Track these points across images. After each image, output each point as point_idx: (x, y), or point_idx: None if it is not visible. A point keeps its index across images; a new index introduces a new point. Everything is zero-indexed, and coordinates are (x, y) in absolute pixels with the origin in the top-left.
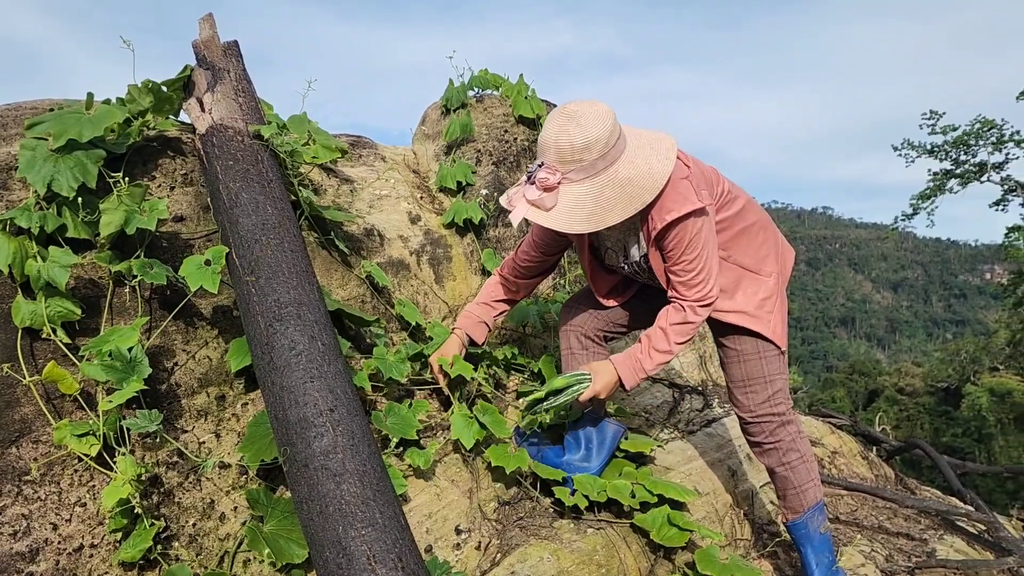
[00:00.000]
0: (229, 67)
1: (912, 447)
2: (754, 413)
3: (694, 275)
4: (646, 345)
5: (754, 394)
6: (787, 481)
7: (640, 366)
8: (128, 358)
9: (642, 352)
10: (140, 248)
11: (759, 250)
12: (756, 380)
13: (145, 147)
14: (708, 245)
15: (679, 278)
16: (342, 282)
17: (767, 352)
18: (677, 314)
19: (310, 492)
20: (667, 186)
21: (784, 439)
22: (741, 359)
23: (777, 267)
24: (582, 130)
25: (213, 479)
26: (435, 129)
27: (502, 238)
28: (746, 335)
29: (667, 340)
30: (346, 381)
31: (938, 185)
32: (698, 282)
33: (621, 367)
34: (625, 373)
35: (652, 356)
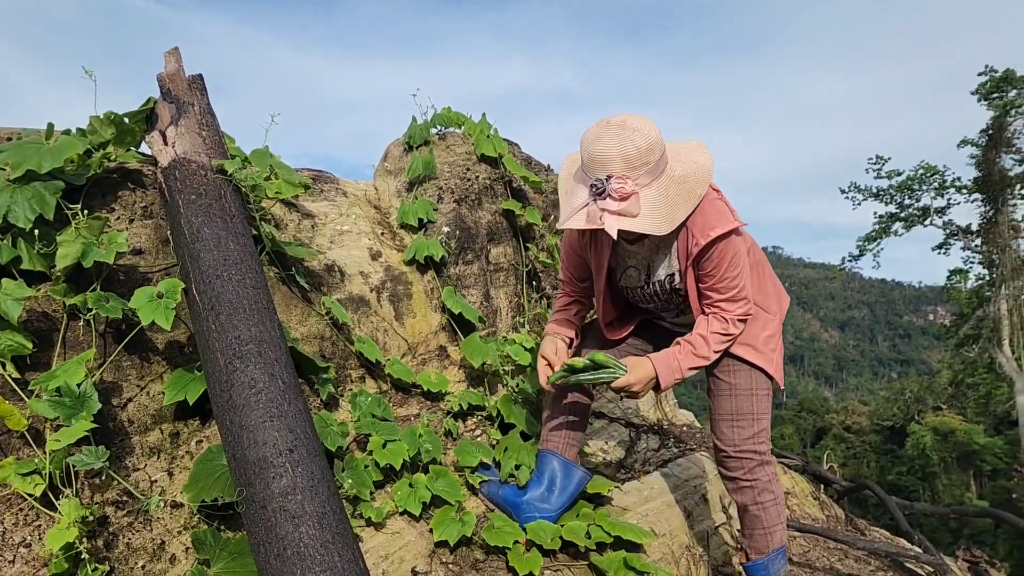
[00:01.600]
0: (194, 101)
1: (862, 488)
2: (737, 448)
3: (737, 291)
4: (686, 349)
5: (740, 429)
6: (758, 521)
7: (678, 366)
8: (77, 394)
9: (681, 354)
10: (96, 281)
11: (764, 287)
12: (745, 415)
13: (105, 179)
14: (746, 265)
15: (721, 295)
16: (302, 318)
17: (759, 389)
18: (719, 324)
19: (267, 534)
20: (705, 204)
21: (761, 479)
22: (733, 393)
23: (778, 308)
24: (641, 134)
25: (164, 519)
26: (397, 165)
27: (463, 276)
28: (742, 370)
29: (707, 346)
30: (306, 421)
31: (883, 228)
32: (741, 298)
33: (659, 364)
34: (662, 371)
35: (691, 359)
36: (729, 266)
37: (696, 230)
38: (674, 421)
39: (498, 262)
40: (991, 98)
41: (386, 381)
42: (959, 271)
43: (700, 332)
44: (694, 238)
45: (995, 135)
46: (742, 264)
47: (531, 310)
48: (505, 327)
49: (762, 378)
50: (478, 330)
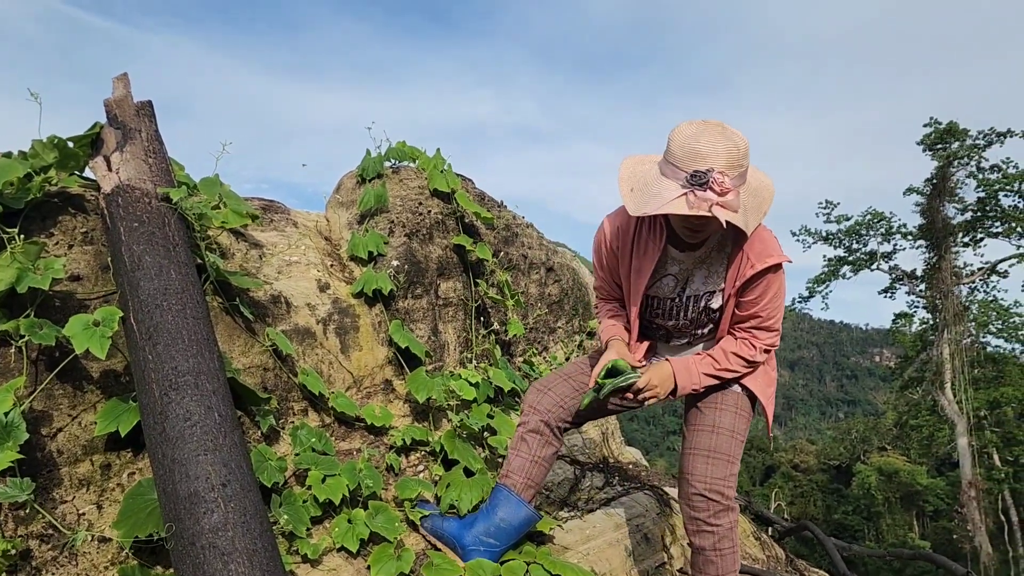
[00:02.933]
0: (141, 127)
1: (802, 528)
2: (708, 486)
3: (773, 321)
4: (707, 360)
5: (714, 467)
6: (712, 566)
7: (697, 373)
8: (4, 423)
9: (702, 364)
10: (31, 307)
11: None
12: (721, 455)
13: (45, 203)
14: (784, 295)
15: (756, 322)
16: (244, 349)
17: (739, 433)
18: (746, 348)
19: (195, 572)
20: (762, 230)
21: (724, 524)
22: (715, 431)
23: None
24: (740, 137)
25: (91, 554)
26: (349, 198)
27: (411, 310)
28: (728, 410)
29: (728, 364)
30: (241, 455)
31: (832, 270)
32: (775, 328)
33: (679, 369)
34: (682, 375)
35: (710, 370)
36: (774, 296)
37: (753, 254)
38: (620, 458)
39: (447, 297)
40: (935, 148)
41: (329, 414)
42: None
43: (725, 348)
44: (749, 261)
45: (939, 184)
46: (783, 294)
47: (479, 346)
48: (452, 362)
49: (743, 422)
50: (425, 365)
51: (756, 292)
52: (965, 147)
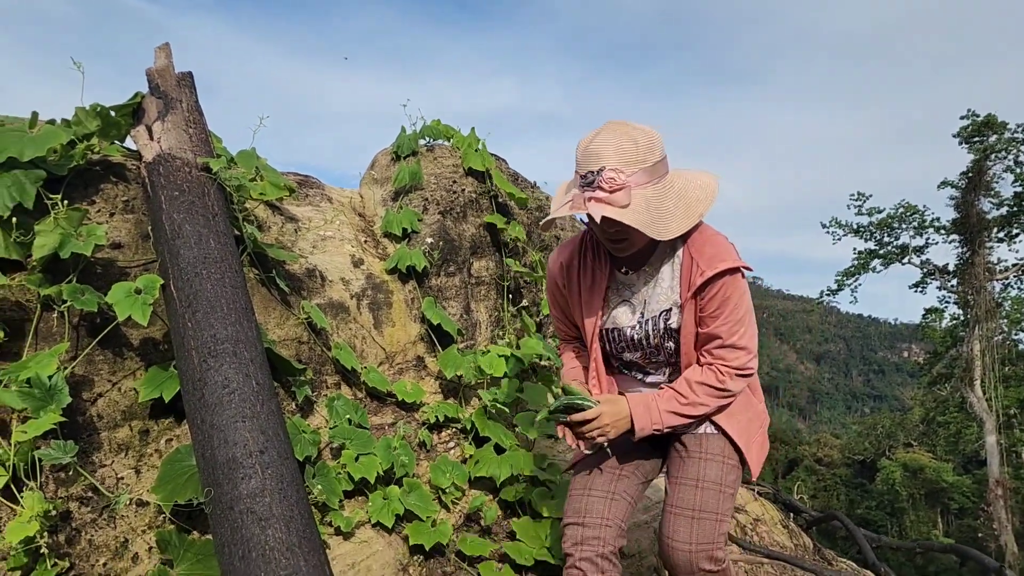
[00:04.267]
0: (182, 97)
1: (831, 518)
2: (691, 551)
3: (738, 337)
4: (668, 395)
5: (701, 529)
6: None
7: (657, 411)
8: (47, 386)
9: (662, 399)
10: (73, 273)
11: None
12: (708, 514)
13: (87, 171)
14: (750, 312)
15: (720, 340)
16: (280, 321)
17: (727, 486)
18: (713, 375)
19: (233, 535)
20: (711, 234)
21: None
22: (700, 486)
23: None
24: (641, 131)
25: (128, 517)
26: (384, 174)
27: (444, 287)
28: (714, 460)
29: (695, 397)
30: (279, 422)
31: (862, 264)
32: (741, 346)
33: (635, 405)
34: (638, 411)
35: (673, 406)
36: (734, 307)
37: (703, 260)
38: None
39: (480, 275)
40: (972, 141)
41: (361, 389)
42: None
43: (690, 377)
44: (699, 268)
45: (975, 178)
46: (747, 308)
47: (511, 325)
48: (484, 341)
49: (733, 473)
50: (457, 342)
51: (714, 304)
52: (1003, 140)
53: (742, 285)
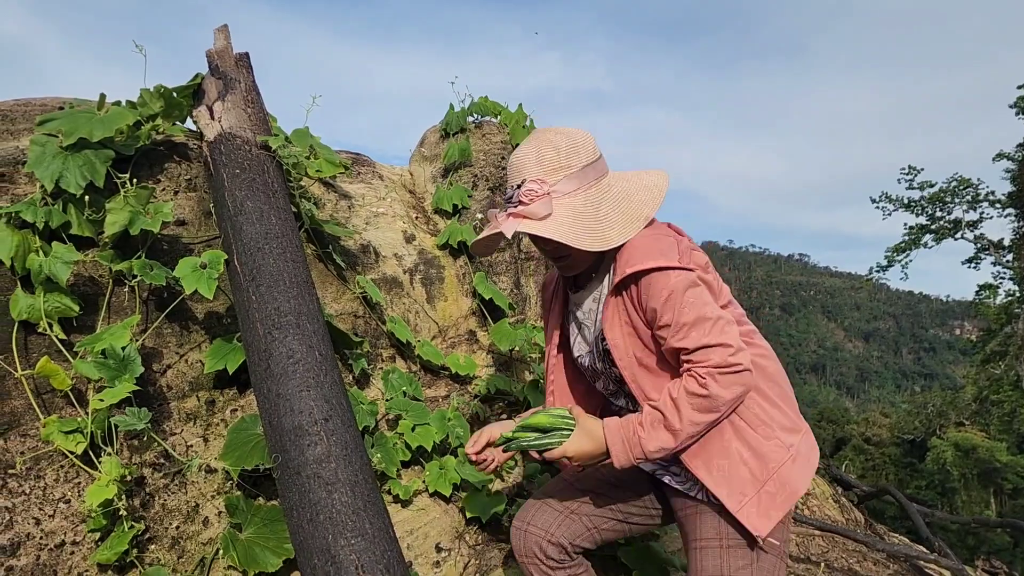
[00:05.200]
0: (240, 77)
1: (883, 492)
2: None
3: (704, 334)
4: (651, 416)
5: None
6: None
7: (638, 439)
8: (121, 357)
9: (645, 422)
10: (142, 249)
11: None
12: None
13: (152, 150)
14: (710, 306)
15: (685, 344)
16: (336, 295)
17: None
18: (691, 381)
19: (301, 499)
20: (646, 235)
21: None
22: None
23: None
24: (564, 136)
25: (198, 483)
26: (433, 152)
27: (494, 263)
28: (711, 548)
29: (678, 414)
30: (341, 392)
31: (913, 239)
32: (715, 343)
33: (612, 436)
34: (616, 445)
35: (657, 431)
36: (682, 307)
37: (621, 262)
38: None
39: (529, 251)
40: None
41: (415, 362)
42: (988, 286)
43: (670, 393)
44: (618, 271)
45: None
46: (699, 307)
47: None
48: (534, 315)
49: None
50: (508, 317)
51: (649, 312)
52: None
53: (675, 283)
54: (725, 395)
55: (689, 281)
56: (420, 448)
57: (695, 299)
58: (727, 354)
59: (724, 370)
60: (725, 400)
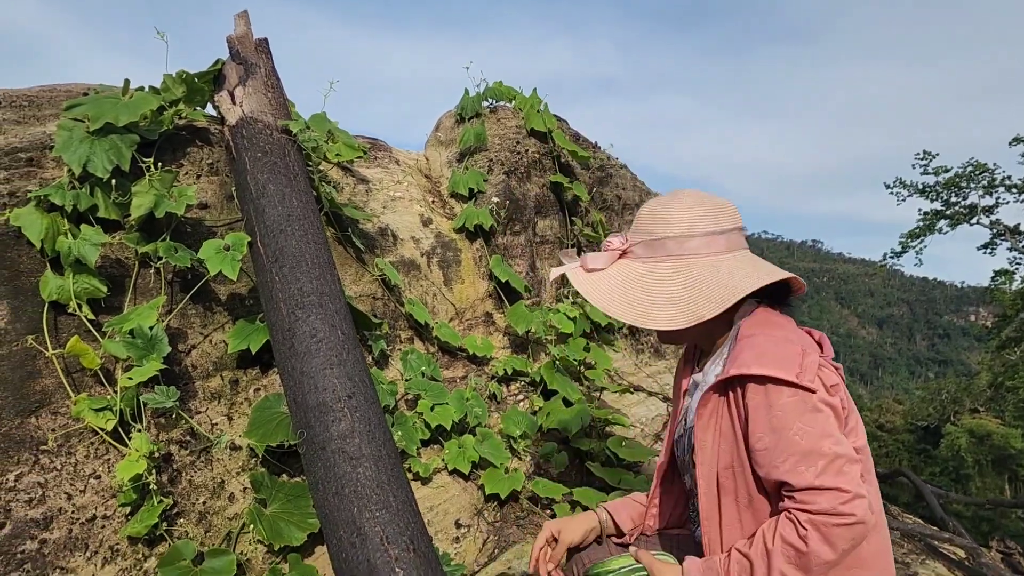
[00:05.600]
0: (260, 63)
1: (897, 475)
2: None
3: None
4: (737, 567)
5: None
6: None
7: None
8: (149, 337)
9: (728, 573)
10: (166, 232)
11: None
12: None
13: (175, 135)
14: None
15: (789, 480)
16: (356, 277)
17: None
18: (788, 526)
19: (326, 474)
20: (762, 339)
21: None
22: None
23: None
24: (669, 202)
25: (223, 460)
26: (449, 136)
27: (510, 246)
28: None
29: (767, 568)
30: (363, 370)
31: (928, 225)
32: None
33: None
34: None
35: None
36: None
37: (731, 356)
38: None
39: (544, 234)
40: None
41: (433, 343)
42: (1004, 272)
43: (764, 537)
44: (725, 367)
45: None
46: (811, 430)
47: None
48: (549, 298)
49: None
50: (524, 299)
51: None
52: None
53: (788, 403)
54: (827, 553)
55: (807, 405)
56: (439, 427)
57: (811, 427)
58: (839, 501)
59: (832, 519)
60: (825, 559)
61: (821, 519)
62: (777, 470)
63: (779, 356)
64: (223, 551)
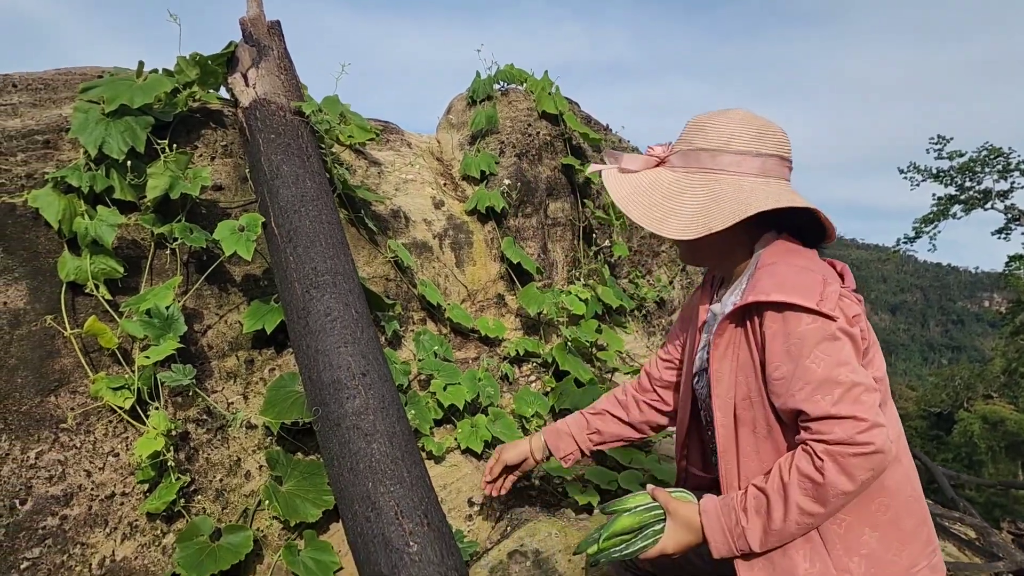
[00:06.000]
0: (273, 45)
1: None
2: None
3: (832, 402)
4: (755, 501)
5: None
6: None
7: (741, 533)
8: (165, 316)
9: (746, 511)
10: (181, 213)
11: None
12: None
13: (189, 117)
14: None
15: (806, 409)
16: (368, 259)
17: None
18: (804, 458)
19: (341, 450)
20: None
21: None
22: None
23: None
24: (715, 115)
25: (239, 438)
26: (460, 119)
27: (522, 228)
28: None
29: (784, 501)
30: (377, 348)
31: (942, 210)
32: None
33: (711, 525)
34: (716, 535)
35: (761, 521)
36: (796, 355)
37: (750, 284)
38: None
39: (556, 217)
40: None
41: (446, 325)
42: (1019, 257)
43: (780, 473)
44: (744, 294)
45: None
46: (830, 358)
47: (586, 264)
48: (561, 280)
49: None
50: (535, 280)
51: (769, 349)
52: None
53: (807, 330)
54: (844, 484)
55: (826, 333)
56: (452, 407)
57: (829, 355)
58: (856, 430)
59: (849, 450)
60: (842, 490)
61: (838, 449)
62: (793, 399)
63: (799, 284)
64: (240, 527)
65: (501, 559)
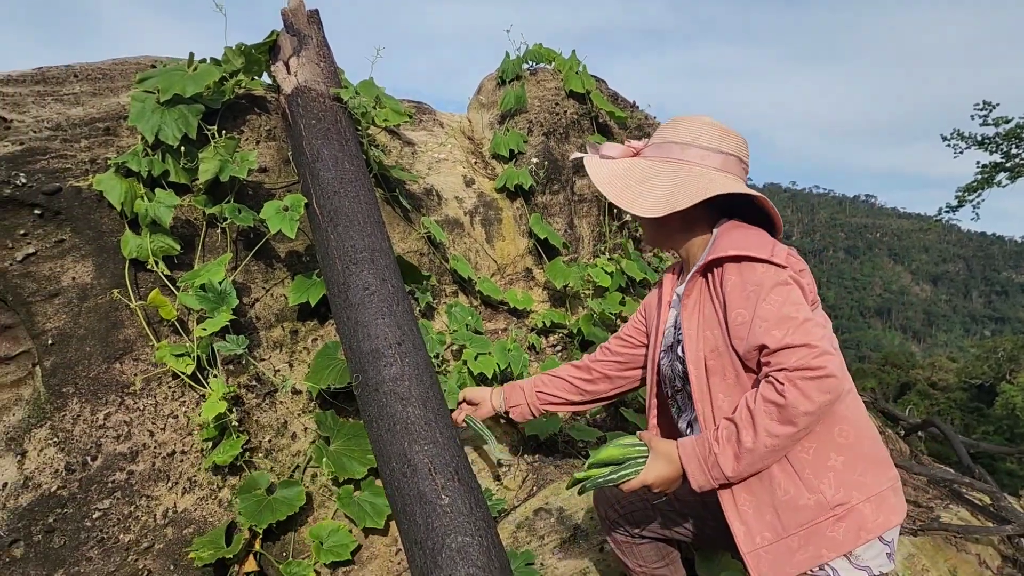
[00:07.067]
0: (312, 34)
1: (928, 425)
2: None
3: (786, 334)
4: (726, 431)
5: None
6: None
7: (715, 461)
8: (219, 290)
9: (721, 438)
10: (230, 194)
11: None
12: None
13: (235, 104)
14: (798, 304)
15: (766, 342)
16: (403, 236)
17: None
18: (768, 388)
19: (379, 412)
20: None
21: None
22: None
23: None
24: (686, 117)
25: (286, 403)
26: (490, 99)
27: (549, 204)
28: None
29: (752, 427)
30: (412, 320)
31: (986, 178)
32: (795, 343)
33: (688, 456)
34: (692, 465)
35: (732, 448)
36: (754, 298)
37: (710, 250)
38: None
39: (582, 194)
40: None
41: (476, 297)
42: None
43: (746, 403)
44: (705, 258)
45: None
46: (783, 299)
47: (611, 239)
48: (587, 254)
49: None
50: (562, 255)
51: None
52: None
53: (762, 277)
54: (804, 404)
55: (779, 279)
56: (482, 375)
57: (781, 297)
58: (811, 355)
59: (806, 374)
60: (804, 410)
61: (796, 374)
62: (754, 335)
63: (752, 242)
64: (293, 482)
65: (527, 515)
